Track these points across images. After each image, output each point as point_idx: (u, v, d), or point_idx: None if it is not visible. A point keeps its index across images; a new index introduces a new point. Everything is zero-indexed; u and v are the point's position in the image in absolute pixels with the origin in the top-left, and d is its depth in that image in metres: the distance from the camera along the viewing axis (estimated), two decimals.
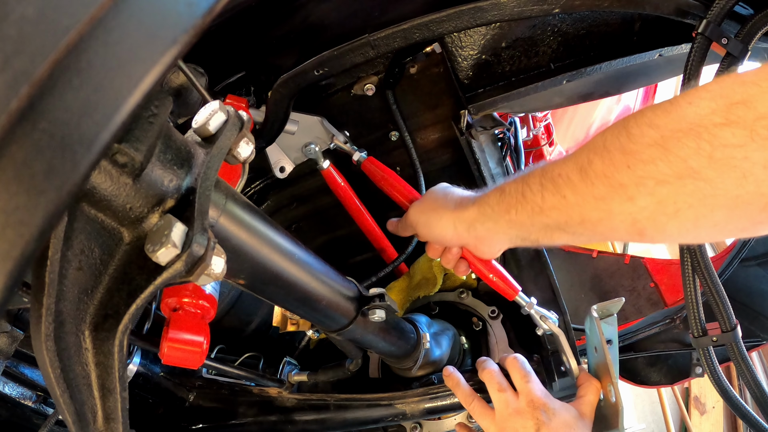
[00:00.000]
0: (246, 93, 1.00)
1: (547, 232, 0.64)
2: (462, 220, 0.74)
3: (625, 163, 0.51)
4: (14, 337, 0.71)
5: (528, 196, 0.63)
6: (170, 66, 0.28)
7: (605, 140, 0.54)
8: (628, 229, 0.53)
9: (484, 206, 0.70)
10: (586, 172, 0.55)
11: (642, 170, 0.49)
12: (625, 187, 0.51)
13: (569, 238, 0.63)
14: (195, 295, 0.74)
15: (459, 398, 0.86)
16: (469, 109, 0.96)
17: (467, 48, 0.92)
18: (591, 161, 0.55)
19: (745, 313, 0.96)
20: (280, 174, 1.06)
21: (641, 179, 0.50)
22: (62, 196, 0.24)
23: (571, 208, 0.58)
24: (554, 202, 0.60)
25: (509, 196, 0.66)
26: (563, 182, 0.58)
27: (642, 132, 0.50)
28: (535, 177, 0.63)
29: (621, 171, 0.51)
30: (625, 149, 0.51)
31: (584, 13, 0.88)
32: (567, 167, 0.58)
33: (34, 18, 0.24)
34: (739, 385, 2.22)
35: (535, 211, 0.62)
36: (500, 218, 0.68)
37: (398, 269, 1.21)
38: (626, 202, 0.52)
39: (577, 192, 0.57)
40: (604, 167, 0.53)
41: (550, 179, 0.60)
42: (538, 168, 0.64)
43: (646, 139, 0.49)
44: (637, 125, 0.51)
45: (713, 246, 2.78)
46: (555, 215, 0.60)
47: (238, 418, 1.05)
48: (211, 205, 0.45)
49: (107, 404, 0.38)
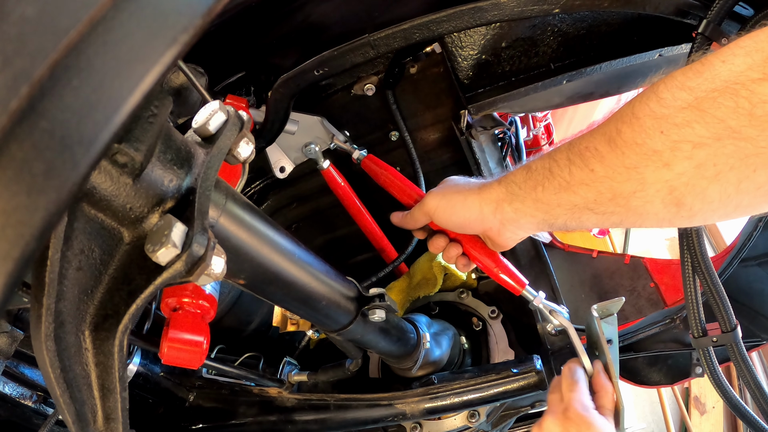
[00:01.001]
0: (246, 93, 1.00)
1: (575, 212, 0.60)
2: (488, 200, 0.69)
3: (657, 128, 0.49)
4: (14, 337, 0.71)
5: (555, 171, 0.60)
6: (170, 66, 0.28)
7: (633, 108, 0.52)
8: (665, 198, 0.51)
9: (511, 185, 0.67)
10: (614, 142, 0.53)
11: (677, 134, 0.47)
12: (659, 154, 0.49)
13: (599, 220, 0.59)
14: (195, 295, 0.74)
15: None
16: (469, 109, 0.96)
17: (467, 48, 0.92)
18: (620, 131, 0.52)
19: (745, 313, 0.96)
20: (280, 174, 1.06)
21: (676, 144, 0.47)
22: (62, 196, 0.24)
23: (601, 181, 0.55)
24: (582, 176, 0.56)
25: (536, 173, 0.63)
26: (591, 155, 0.55)
27: (673, 95, 0.48)
28: (562, 152, 0.60)
29: (653, 137, 0.49)
30: (656, 114, 0.49)
31: (584, 13, 0.88)
32: (594, 139, 0.55)
33: (34, 18, 0.24)
34: (739, 385, 2.22)
35: (562, 187, 0.59)
36: (527, 197, 0.64)
37: (398, 269, 1.21)
38: (661, 168, 0.49)
39: (606, 164, 0.54)
40: (634, 135, 0.51)
41: (578, 153, 0.57)
42: (565, 143, 0.61)
43: (679, 103, 0.47)
44: (668, 89, 0.48)
45: (713, 246, 2.78)
46: (583, 192, 0.57)
47: (238, 418, 1.05)
48: (211, 205, 0.45)
49: (107, 404, 0.38)
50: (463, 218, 0.73)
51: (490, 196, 0.69)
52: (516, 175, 0.66)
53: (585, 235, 2.31)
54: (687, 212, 0.51)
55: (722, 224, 2.75)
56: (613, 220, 0.58)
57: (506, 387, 0.94)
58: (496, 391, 0.94)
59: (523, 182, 0.65)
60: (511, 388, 0.94)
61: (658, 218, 0.54)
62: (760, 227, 0.88)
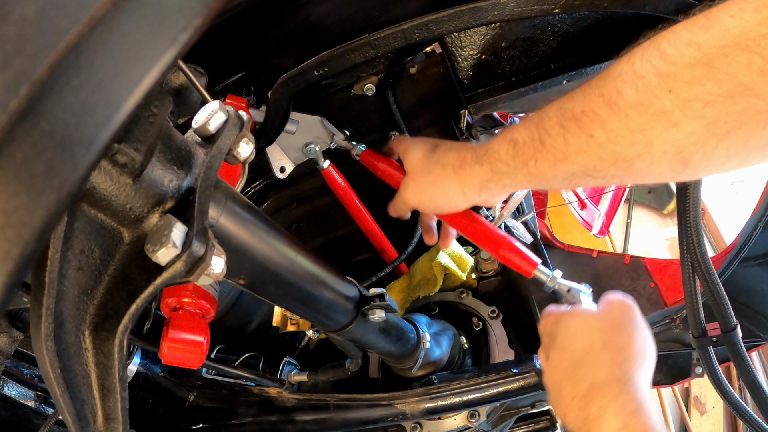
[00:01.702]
0: (246, 93, 1.00)
1: (572, 180, 0.57)
2: (472, 185, 0.65)
3: (665, 87, 0.46)
4: (14, 337, 0.71)
5: (547, 142, 0.56)
6: (170, 66, 0.28)
7: (633, 66, 0.48)
8: (672, 159, 0.49)
9: (496, 163, 0.62)
10: (616, 104, 0.49)
11: (687, 93, 0.45)
12: (668, 114, 0.46)
13: (596, 182, 0.57)
14: (195, 295, 0.74)
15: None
16: (469, 109, 0.96)
17: (467, 48, 0.91)
18: (621, 91, 0.49)
19: (745, 313, 0.96)
20: (280, 174, 1.06)
21: (687, 102, 0.45)
22: (62, 196, 0.24)
23: (602, 147, 0.51)
24: (580, 144, 0.53)
25: (524, 146, 0.58)
26: (588, 119, 0.52)
27: (680, 52, 0.45)
28: (552, 119, 0.56)
29: (661, 96, 0.46)
30: (662, 72, 0.46)
31: (584, 13, 0.88)
32: (590, 101, 0.52)
33: (34, 18, 0.24)
34: (739, 385, 2.22)
35: (558, 159, 0.55)
36: (518, 173, 0.60)
37: (398, 269, 1.21)
38: (670, 129, 0.47)
39: (607, 128, 0.51)
40: (638, 95, 0.48)
41: (572, 119, 0.53)
42: (552, 108, 0.56)
43: (687, 59, 0.45)
44: (672, 45, 0.46)
45: (713, 246, 2.78)
46: (582, 160, 0.54)
47: (238, 418, 1.05)
48: (211, 205, 0.45)
49: (107, 404, 0.38)
50: (447, 207, 0.70)
51: (472, 179, 0.65)
52: (500, 153, 0.61)
53: (585, 235, 2.31)
54: (693, 170, 0.49)
55: (722, 224, 2.75)
56: (612, 182, 0.57)
57: (506, 387, 0.94)
58: (496, 391, 0.94)
59: (510, 159, 0.60)
60: (511, 388, 0.94)
61: (661, 177, 0.52)
62: (760, 227, 0.88)
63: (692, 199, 0.74)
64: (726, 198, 2.84)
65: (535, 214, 1.17)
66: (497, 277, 1.20)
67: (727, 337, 0.80)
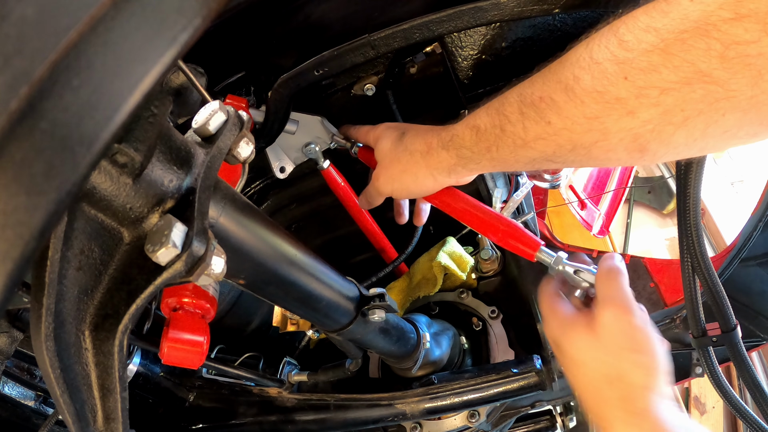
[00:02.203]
0: (246, 93, 1.00)
1: (534, 164, 0.57)
2: (441, 169, 0.67)
3: (620, 74, 0.45)
4: (14, 337, 0.71)
5: (507, 129, 0.56)
6: (170, 66, 0.28)
7: (591, 52, 0.48)
8: (628, 146, 0.48)
9: (461, 149, 0.63)
10: (572, 90, 0.49)
11: (642, 80, 0.44)
12: (623, 102, 0.46)
13: (558, 166, 0.59)
14: (195, 295, 0.74)
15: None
16: (469, 109, 0.96)
17: (467, 48, 0.91)
18: (578, 77, 0.48)
19: (745, 313, 0.96)
20: (280, 174, 1.06)
21: (642, 90, 0.44)
22: (62, 196, 0.24)
23: (559, 134, 0.51)
24: (538, 131, 0.53)
25: (486, 133, 0.59)
26: (546, 106, 0.51)
27: (637, 38, 0.44)
28: (512, 105, 0.55)
29: (617, 84, 0.45)
30: (619, 59, 0.45)
31: (584, 13, 0.88)
32: (548, 87, 0.51)
33: (34, 18, 0.24)
34: (739, 385, 2.22)
35: (518, 145, 0.55)
36: (482, 158, 0.61)
37: (398, 269, 1.21)
38: (625, 117, 0.46)
39: (563, 115, 0.50)
40: (594, 82, 0.47)
41: (531, 104, 0.53)
42: (513, 93, 0.56)
43: (644, 45, 0.44)
44: (630, 31, 0.45)
45: (713, 246, 2.78)
46: (541, 146, 0.53)
47: (238, 418, 1.05)
48: (211, 205, 0.45)
49: (107, 404, 0.38)
50: (419, 192, 0.73)
51: (440, 164, 0.67)
52: (464, 139, 0.62)
53: (585, 235, 2.31)
54: (651, 157, 0.49)
55: (722, 224, 2.75)
56: (573, 165, 0.58)
57: (506, 387, 0.94)
58: (496, 391, 0.94)
59: (473, 145, 0.61)
60: (511, 388, 0.94)
61: (620, 162, 0.53)
62: (760, 227, 0.88)
63: (692, 199, 0.74)
64: (726, 198, 2.84)
65: (535, 214, 1.17)
66: (497, 277, 1.20)
67: (727, 337, 0.80)
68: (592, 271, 0.66)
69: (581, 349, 0.62)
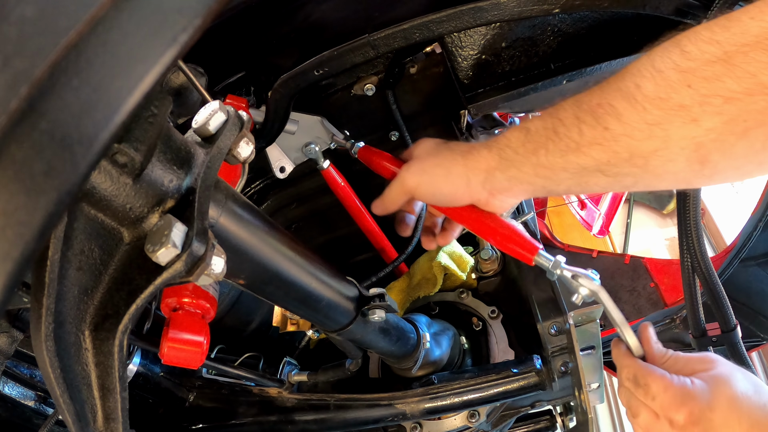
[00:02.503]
0: (246, 93, 1.00)
1: (583, 176, 0.55)
2: (477, 170, 0.62)
3: (684, 82, 0.46)
4: (14, 337, 0.71)
5: (561, 131, 0.54)
6: (170, 66, 0.28)
7: (653, 62, 0.48)
8: (690, 156, 0.48)
9: (504, 150, 0.59)
10: (634, 97, 0.49)
11: (706, 88, 0.45)
12: (686, 109, 0.46)
13: (608, 183, 0.54)
14: (195, 295, 0.74)
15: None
16: (469, 109, 0.96)
17: (467, 48, 0.92)
18: (639, 85, 0.49)
19: (745, 313, 0.96)
20: (280, 174, 1.06)
21: (706, 98, 0.45)
22: (62, 196, 0.24)
23: (617, 140, 0.50)
24: (595, 135, 0.52)
25: (536, 134, 0.56)
26: (605, 111, 0.51)
27: (700, 49, 0.45)
28: (567, 111, 0.54)
29: (680, 91, 0.46)
30: (682, 68, 0.46)
31: (584, 13, 0.88)
32: (607, 95, 0.51)
33: (34, 18, 0.24)
34: None
35: (570, 149, 0.53)
36: (525, 162, 0.58)
37: (398, 269, 1.21)
38: (689, 124, 0.46)
39: (624, 121, 0.50)
40: (657, 89, 0.47)
41: (588, 111, 0.52)
42: (568, 101, 0.55)
43: (707, 56, 0.45)
44: (692, 42, 0.46)
45: (713, 246, 2.78)
46: (596, 153, 0.52)
47: (238, 418, 1.05)
48: (211, 205, 0.45)
49: (107, 404, 0.38)
50: (448, 193, 0.65)
51: (478, 164, 0.62)
52: (510, 139, 0.59)
53: (585, 234, 2.31)
54: (710, 170, 0.48)
55: (722, 224, 2.75)
56: (626, 183, 0.54)
57: (506, 387, 0.94)
58: (496, 391, 0.94)
59: (520, 146, 0.58)
60: (511, 388, 0.94)
61: (676, 178, 0.51)
62: (760, 227, 0.88)
63: (692, 199, 0.74)
64: (726, 198, 2.84)
65: (535, 214, 1.17)
66: (497, 277, 1.20)
67: (727, 337, 0.80)
68: (589, 275, 0.66)
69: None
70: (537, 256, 0.67)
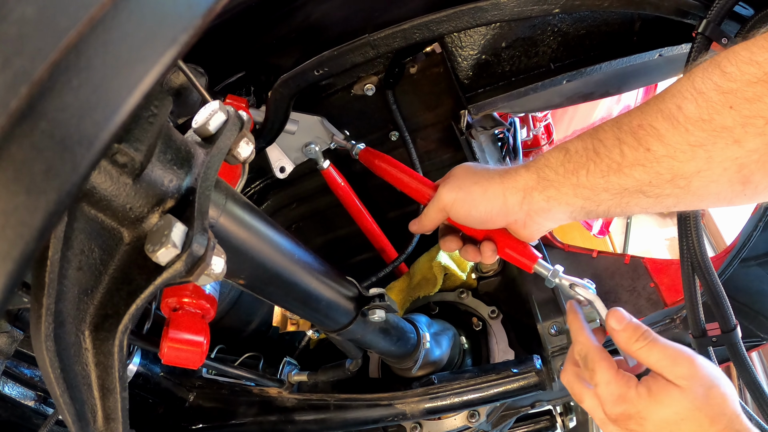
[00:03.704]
0: (246, 93, 1.00)
1: (624, 197, 0.54)
2: (515, 189, 0.61)
3: (726, 103, 0.46)
4: (14, 337, 0.71)
5: (602, 152, 0.54)
6: (170, 66, 0.28)
7: (694, 83, 0.48)
8: (732, 177, 0.48)
9: (543, 169, 0.59)
10: (676, 118, 0.49)
11: (748, 110, 0.45)
12: (729, 130, 0.46)
13: (649, 204, 0.54)
14: (195, 295, 0.74)
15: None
16: (469, 109, 0.96)
17: (467, 48, 0.92)
18: (681, 107, 0.48)
19: (745, 313, 0.96)
20: (280, 174, 1.06)
21: (748, 119, 0.45)
22: (62, 196, 0.24)
23: (659, 162, 0.50)
24: (637, 156, 0.51)
25: (576, 155, 0.56)
26: (645, 133, 0.50)
27: (740, 70, 0.46)
28: (608, 132, 0.54)
29: (722, 113, 0.46)
30: (723, 89, 0.46)
31: (584, 13, 0.88)
32: (648, 116, 0.51)
33: (33, 18, 0.24)
34: (739, 385, 2.22)
35: (612, 170, 0.53)
36: (565, 183, 0.57)
37: (398, 269, 1.21)
38: (732, 145, 0.46)
39: (666, 142, 0.49)
40: (699, 110, 0.47)
41: (629, 132, 0.52)
42: (608, 123, 0.55)
43: (747, 77, 0.45)
44: (732, 64, 0.46)
45: (713, 246, 2.78)
46: (638, 174, 0.52)
47: (238, 418, 1.05)
48: (211, 205, 0.45)
49: (107, 404, 0.38)
50: (484, 212, 0.64)
51: (516, 184, 0.61)
52: (550, 159, 0.59)
53: (585, 234, 2.31)
54: (752, 190, 0.49)
55: (722, 224, 2.75)
56: (667, 203, 0.54)
57: (506, 387, 0.94)
58: (496, 391, 0.94)
59: (559, 166, 0.58)
60: (511, 388, 0.94)
61: (718, 198, 0.51)
62: (760, 227, 0.88)
63: None
64: None
65: None
66: (497, 277, 1.20)
67: (727, 337, 0.80)
68: (586, 285, 0.67)
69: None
70: (537, 265, 0.68)
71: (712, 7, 0.72)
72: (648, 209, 0.56)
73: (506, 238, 0.68)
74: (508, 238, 0.68)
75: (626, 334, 0.60)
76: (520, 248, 0.68)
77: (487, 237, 0.69)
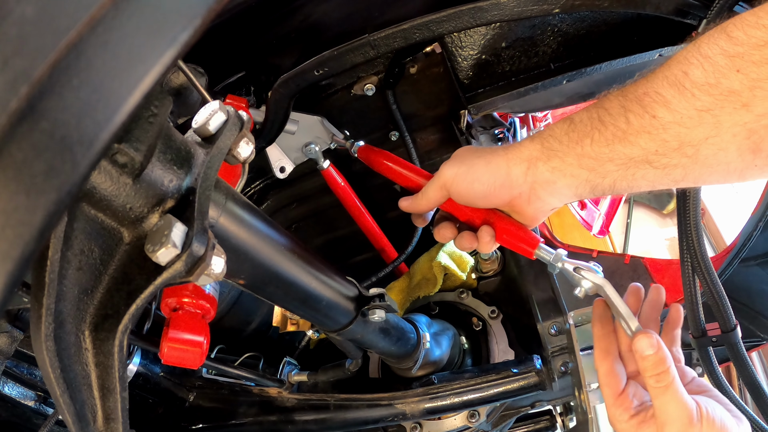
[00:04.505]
0: (246, 93, 1.00)
1: (629, 168, 0.53)
2: (518, 159, 0.59)
3: (733, 66, 0.45)
4: (14, 337, 0.71)
5: (606, 120, 0.53)
6: (170, 66, 0.28)
7: (700, 49, 0.47)
8: (741, 144, 0.47)
9: (548, 139, 0.57)
10: (682, 84, 0.48)
11: (756, 72, 0.44)
12: (737, 93, 0.45)
13: (656, 176, 0.52)
14: (195, 295, 0.74)
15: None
16: (469, 109, 0.96)
17: (467, 48, 0.91)
18: (687, 72, 0.47)
19: (745, 313, 0.96)
20: (280, 174, 1.06)
21: (756, 82, 0.44)
22: (62, 196, 0.24)
23: (666, 128, 0.49)
24: (642, 124, 0.50)
25: (581, 124, 0.55)
26: (652, 100, 0.49)
27: (747, 33, 0.45)
28: (613, 101, 0.53)
29: (729, 76, 0.45)
30: (730, 53, 0.45)
31: (584, 13, 0.88)
32: (654, 84, 0.50)
33: (33, 18, 0.24)
34: (739, 385, 2.22)
35: (617, 138, 0.52)
36: (569, 152, 0.55)
37: (398, 269, 1.21)
38: (740, 110, 0.45)
39: (672, 108, 0.48)
40: (706, 75, 0.46)
41: (634, 100, 0.51)
42: (613, 92, 0.54)
43: (754, 40, 0.44)
44: (739, 28, 0.45)
45: (713, 246, 2.78)
46: (644, 142, 0.50)
47: (238, 418, 1.05)
48: (211, 205, 0.45)
49: (107, 404, 0.38)
50: (487, 185, 0.61)
51: (520, 154, 0.59)
52: (555, 129, 0.57)
53: (585, 235, 2.31)
54: (763, 160, 0.47)
55: (722, 224, 2.75)
56: (675, 175, 0.52)
57: (506, 387, 0.94)
58: (496, 391, 0.94)
59: (564, 135, 0.56)
60: (511, 388, 0.94)
61: (728, 169, 0.50)
62: (760, 227, 0.88)
63: (692, 200, 0.74)
64: (726, 198, 2.84)
65: None
66: (497, 277, 1.20)
67: (727, 337, 0.80)
68: (592, 268, 0.64)
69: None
70: (538, 249, 0.65)
71: (712, 7, 0.72)
72: (655, 183, 0.54)
73: (505, 222, 0.65)
74: (508, 222, 0.65)
75: (646, 363, 0.57)
76: (520, 233, 0.65)
77: (485, 222, 0.66)
